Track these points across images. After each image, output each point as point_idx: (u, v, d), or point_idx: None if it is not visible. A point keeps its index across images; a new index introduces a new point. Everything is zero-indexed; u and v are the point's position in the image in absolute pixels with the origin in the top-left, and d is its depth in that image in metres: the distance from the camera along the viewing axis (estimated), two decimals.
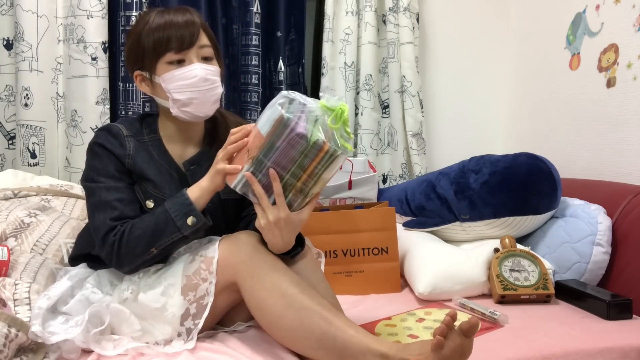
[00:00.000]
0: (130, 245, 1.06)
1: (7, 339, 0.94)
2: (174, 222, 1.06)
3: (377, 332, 1.22)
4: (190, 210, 1.06)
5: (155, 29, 1.13)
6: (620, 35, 1.76)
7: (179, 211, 1.06)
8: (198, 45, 1.14)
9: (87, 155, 1.18)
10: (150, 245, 1.07)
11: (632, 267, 1.43)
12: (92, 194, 1.14)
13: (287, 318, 1.00)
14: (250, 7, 2.09)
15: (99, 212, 1.11)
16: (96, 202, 1.12)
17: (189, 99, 1.14)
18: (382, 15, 2.27)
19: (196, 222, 1.06)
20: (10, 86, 1.93)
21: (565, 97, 2.04)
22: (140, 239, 1.06)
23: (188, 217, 1.06)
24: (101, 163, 1.15)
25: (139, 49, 1.15)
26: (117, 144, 1.16)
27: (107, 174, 1.14)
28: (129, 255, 1.07)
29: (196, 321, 1.05)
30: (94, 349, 1.03)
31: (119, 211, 1.11)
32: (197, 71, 1.13)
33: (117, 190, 1.13)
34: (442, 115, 2.42)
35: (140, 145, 1.19)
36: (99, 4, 1.91)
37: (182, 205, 1.07)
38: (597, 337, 1.17)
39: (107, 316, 1.05)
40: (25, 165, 1.92)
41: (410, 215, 1.86)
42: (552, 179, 1.62)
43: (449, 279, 1.47)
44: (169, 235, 1.06)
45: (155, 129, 1.23)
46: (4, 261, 1.21)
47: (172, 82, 1.13)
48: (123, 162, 1.16)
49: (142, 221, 1.08)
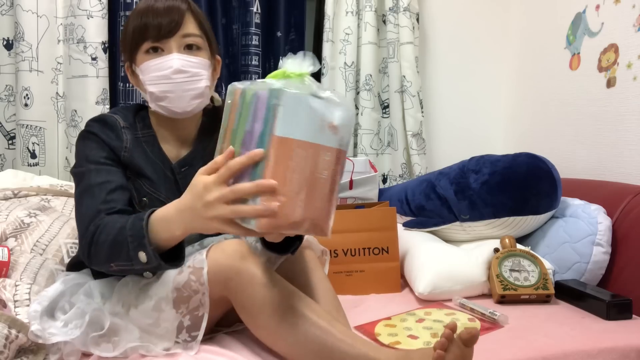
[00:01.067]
0: (98, 247, 0.96)
1: (7, 340, 0.94)
2: (128, 249, 0.91)
3: (376, 332, 1.22)
4: (142, 243, 0.89)
5: (135, 15, 1.06)
6: (620, 35, 1.76)
7: (134, 238, 0.90)
8: (180, 34, 1.06)
9: (77, 144, 1.10)
10: (109, 260, 0.96)
11: (632, 267, 1.43)
12: (79, 177, 1.05)
13: (281, 333, 0.96)
14: (250, 7, 2.09)
15: (87, 197, 1.02)
16: (84, 187, 1.03)
17: (162, 92, 1.06)
18: (382, 15, 2.27)
19: (147, 262, 0.90)
20: (10, 86, 1.93)
21: (565, 97, 2.04)
22: (103, 246, 0.95)
23: (139, 251, 0.90)
24: (93, 150, 1.07)
25: (125, 37, 1.09)
26: (114, 136, 1.08)
27: (98, 160, 1.05)
28: (96, 258, 0.98)
29: (193, 333, 1.00)
30: (94, 351, 1.00)
31: (105, 195, 1.00)
32: (172, 62, 1.04)
33: (108, 173, 1.05)
34: (442, 115, 2.42)
35: (136, 139, 1.11)
36: (99, 4, 1.91)
37: (138, 231, 0.90)
38: (596, 337, 1.17)
39: (107, 321, 1.00)
40: (25, 165, 1.92)
41: (410, 215, 1.86)
42: (552, 179, 1.62)
43: (449, 279, 1.47)
44: (124, 260, 0.93)
45: (148, 124, 1.15)
46: (4, 262, 1.21)
47: (147, 72, 1.06)
48: (118, 155, 1.08)
49: (112, 225, 0.95)
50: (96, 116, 1.14)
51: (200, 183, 0.85)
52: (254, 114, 0.83)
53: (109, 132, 1.09)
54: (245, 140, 0.83)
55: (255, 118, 0.82)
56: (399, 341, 1.16)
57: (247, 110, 0.83)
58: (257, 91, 0.83)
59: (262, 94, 0.82)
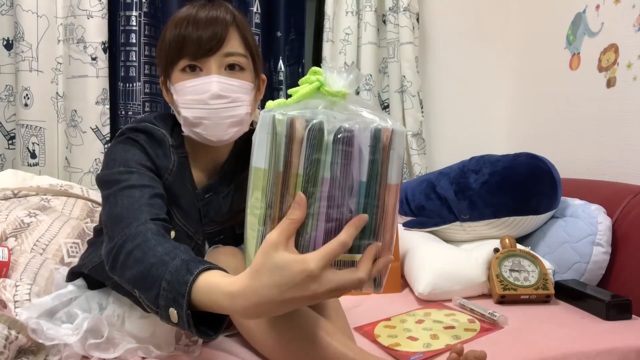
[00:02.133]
0: (129, 260, 0.79)
1: (7, 341, 0.94)
2: (158, 295, 0.72)
3: (376, 333, 1.21)
4: (178, 301, 0.68)
5: (174, 25, 0.94)
6: (620, 35, 1.76)
7: (171, 287, 0.70)
8: (222, 52, 0.93)
9: (114, 148, 0.95)
10: (134, 285, 0.78)
11: (632, 267, 1.43)
12: (114, 182, 0.89)
13: (279, 349, 0.92)
14: (250, 7, 2.09)
15: (124, 198, 0.86)
16: (121, 187, 0.87)
17: (197, 118, 0.95)
18: (382, 15, 2.27)
19: (177, 323, 0.70)
20: (10, 86, 1.93)
21: (565, 97, 2.04)
22: (134, 265, 0.77)
23: (172, 307, 0.70)
24: (136, 155, 0.92)
25: (161, 48, 0.97)
26: (161, 154, 0.95)
27: (142, 163, 0.91)
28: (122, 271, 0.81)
29: (193, 338, 0.98)
30: (93, 354, 0.99)
31: (151, 199, 0.85)
32: (211, 85, 0.92)
33: (152, 179, 0.91)
34: (442, 115, 2.42)
35: (180, 162, 0.97)
36: (99, 4, 1.90)
37: (179, 284, 0.69)
38: (596, 338, 1.17)
39: (105, 329, 0.96)
40: (25, 165, 1.92)
41: (410, 215, 1.86)
42: (552, 179, 1.62)
43: (449, 279, 1.46)
44: (150, 301, 0.74)
45: (182, 143, 1.01)
46: (4, 262, 1.21)
47: (182, 94, 0.94)
48: (161, 176, 0.94)
49: (155, 246, 0.77)
50: (138, 125, 0.97)
51: (296, 270, 0.61)
52: (345, 155, 0.64)
53: (156, 148, 0.95)
54: (333, 190, 0.64)
55: (347, 161, 0.64)
56: (399, 343, 1.16)
57: (326, 150, 0.63)
58: (342, 126, 0.63)
59: (357, 132, 0.64)
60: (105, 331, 0.98)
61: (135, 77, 1.99)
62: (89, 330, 0.99)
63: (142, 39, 1.98)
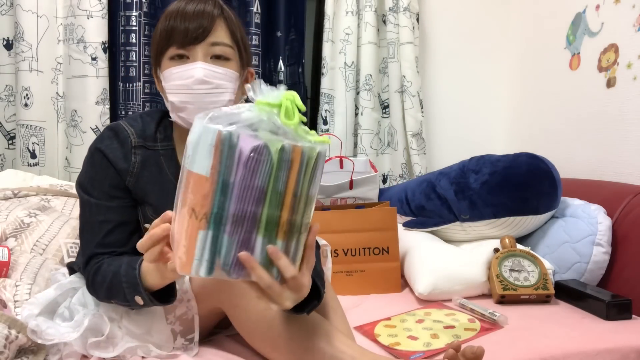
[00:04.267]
0: (96, 287, 0.99)
1: (7, 340, 0.94)
2: (124, 294, 0.92)
3: (376, 333, 1.22)
4: (137, 289, 0.90)
5: (164, 18, 1.00)
6: (620, 35, 1.76)
7: (129, 284, 0.91)
8: (208, 41, 0.98)
9: (86, 157, 1.07)
10: (108, 298, 0.98)
11: (632, 267, 1.43)
12: (82, 206, 1.05)
13: (279, 350, 0.94)
14: (250, 7, 2.09)
15: (85, 232, 1.03)
16: (85, 218, 1.04)
17: (182, 103, 0.99)
18: (382, 15, 2.27)
19: (144, 304, 0.92)
20: (10, 86, 1.93)
21: (565, 97, 2.04)
22: (100, 287, 0.97)
23: (136, 295, 0.91)
24: (97, 174, 1.03)
25: (154, 39, 1.02)
26: (121, 156, 1.02)
27: (100, 188, 1.02)
28: (95, 294, 1.01)
29: (189, 337, 1.00)
30: (92, 353, 1.00)
31: (103, 237, 1.00)
32: (195, 71, 0.97)
33: (108, 210, 1.02)
34: (442, 115, 2.42)
35: (151, 155, 1.04)
36: (99, 4, 1.90)
37: (132, 279, 0.91)
38: (596, 338, 1.17)
39: (106, 328, 0.99)
40: (25, 165, 1.92)
41: (410, 215, 1.86)
42: (552, 179, 1.62)
43: (449, 279, 1.47)
44: (121, 300, 0.95)
45: (169, 135, 1.08)
46: (5, 262, 1.21)
47: (169, 80, 1.00)
48: (124, 179, 1.03)
49: (106, 268, 0.96)
50: (111, 125, 1.08)
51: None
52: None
53: (117, 150, 1.03)
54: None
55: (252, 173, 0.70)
56: (399, 342, 1.16)
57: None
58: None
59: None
60: (107, 329, 0.98)
61: (135, 77, 1.99)
62: (89, 329, 1.00)
63: (142, 39, 1.98)
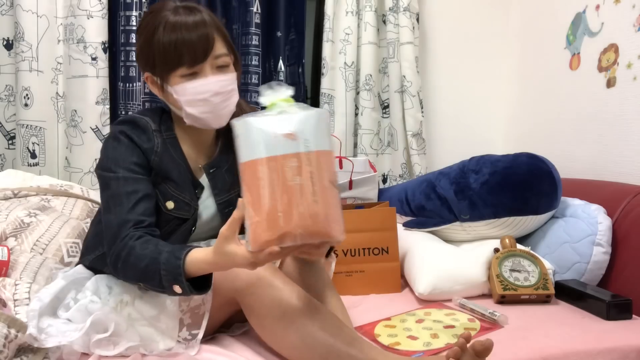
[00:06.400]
0: (127, 267, 1.00)
1: (6, 340, 0.94)
2: (161, 280, 0.96)
3: (376, 333, 1.22)
4: (178, 279, 0.94)
5: (167, 44, 1.05)
6: (620, 35, 1.76)
7: (168, 273, 0.95)
8: (212, 56, 1.08)
9: (106, 144, 1.12)
10: (138, 281, 1.02)
11: (632, 267, 1.43)
12: (106, 184, 1.08)
13: (288, 337, 0.98)
14: (250, 7, 2.09)
15: (112, 206, 1.05)
16: (111, 192, 1.06)
17: (202, 113, 1.09)
18: (382, 15, 2.27)
19: (181, 293, 0.97)
20: (10, 86, 1.93)
21: (565, 97, 2.04)
22: (133, 269, 1.00)
23: (175, 285, 0.95)
24: (122, 154, 1.09)
25: (149, 54, 1.08)
26: (145, 139, 1.11)
27: (126, 166, 1.07)
28: (123, 274, 1.03)
29: (194, 332, 1.03)
30: (94, 351, 1.01)
31: (133, 205, 1.04)
32: (210, 85, 1.07)
33: (135, 182, 1.07)
34: (442, 115, 2.42)
35: (164, 140, 1.14)
36: (99, 4, 1.91)
37: (174, 269, 0.95)
38: (596, 337, 1.17)
39: (111, 324, 1.02)
40: (25, 165, 1.92)
41: (410, 215, 1.86)
42: (552, 179, 1.62)
43: (449, 279, 1.46)
44: (155, 286, 0.98)
45: (171, 127, 1.17)
46: (4, 261, 1.21)
47: (185, 95, 1.08)
48: (148, 159, 1.10)
49: (142, 252, 0.99)
50: (126, 117, 1.16)
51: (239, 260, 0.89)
52: None
53: (140, 134, 1.11)
54: None
55: None
56: (399, 342, 1.16)
57: None
58: None
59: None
60: (111, 325, 1.01)
61: (135, 77, 1.99)
62: (93, 325, 1.01)
63: None
